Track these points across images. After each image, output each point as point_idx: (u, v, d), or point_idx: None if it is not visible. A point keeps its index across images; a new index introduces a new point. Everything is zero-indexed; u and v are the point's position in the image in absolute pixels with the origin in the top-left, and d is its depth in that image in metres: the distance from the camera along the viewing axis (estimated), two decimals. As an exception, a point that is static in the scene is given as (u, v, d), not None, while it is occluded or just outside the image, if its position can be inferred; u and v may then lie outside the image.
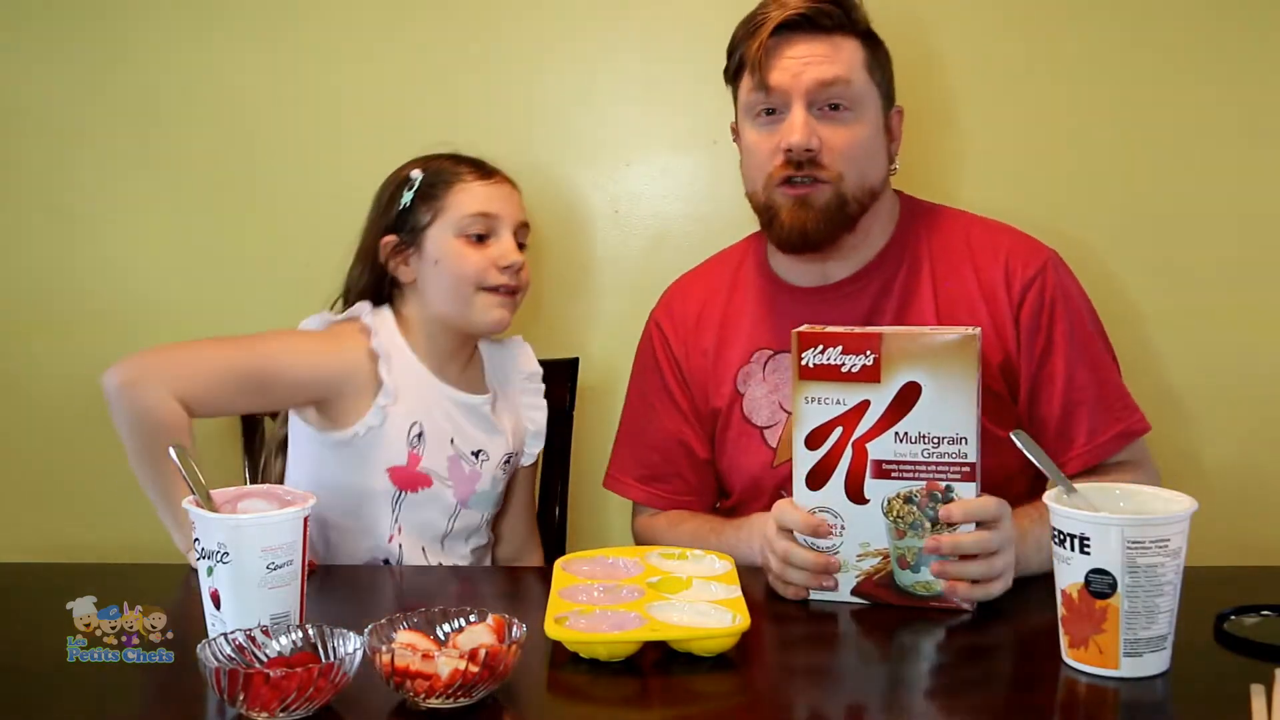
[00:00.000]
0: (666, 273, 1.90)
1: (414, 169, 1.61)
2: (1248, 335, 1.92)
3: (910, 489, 1.26)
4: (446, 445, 1.59)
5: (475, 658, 1.01)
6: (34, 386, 2.07)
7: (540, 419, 1.72)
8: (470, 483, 1.61)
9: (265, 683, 0.98)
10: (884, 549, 1.28)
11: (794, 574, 1.30)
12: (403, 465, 1.55)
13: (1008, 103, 1.91)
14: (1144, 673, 1.08)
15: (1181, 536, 1.08)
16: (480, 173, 1.61)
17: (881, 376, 1.25)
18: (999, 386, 1.48)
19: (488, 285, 1.57)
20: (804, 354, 1.27)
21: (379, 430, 1.54)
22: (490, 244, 1.58)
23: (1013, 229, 1.55)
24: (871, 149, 1.48)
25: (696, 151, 1.98)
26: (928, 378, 1.24)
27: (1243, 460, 1.94)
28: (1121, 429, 1.47)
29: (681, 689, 1.10)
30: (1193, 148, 1.90)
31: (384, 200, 1.62)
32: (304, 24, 1.99)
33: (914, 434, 1.25)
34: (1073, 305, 1.49)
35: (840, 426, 1.27)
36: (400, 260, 1.59)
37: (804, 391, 1.28)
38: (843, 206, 1.46)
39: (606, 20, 1.97)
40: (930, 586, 1.26)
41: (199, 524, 1.15)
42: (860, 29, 1.48)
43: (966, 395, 1.23)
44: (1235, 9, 1.87)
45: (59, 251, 2.05)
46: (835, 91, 1.44)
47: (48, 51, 2.01)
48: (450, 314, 1.59)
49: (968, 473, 1.24)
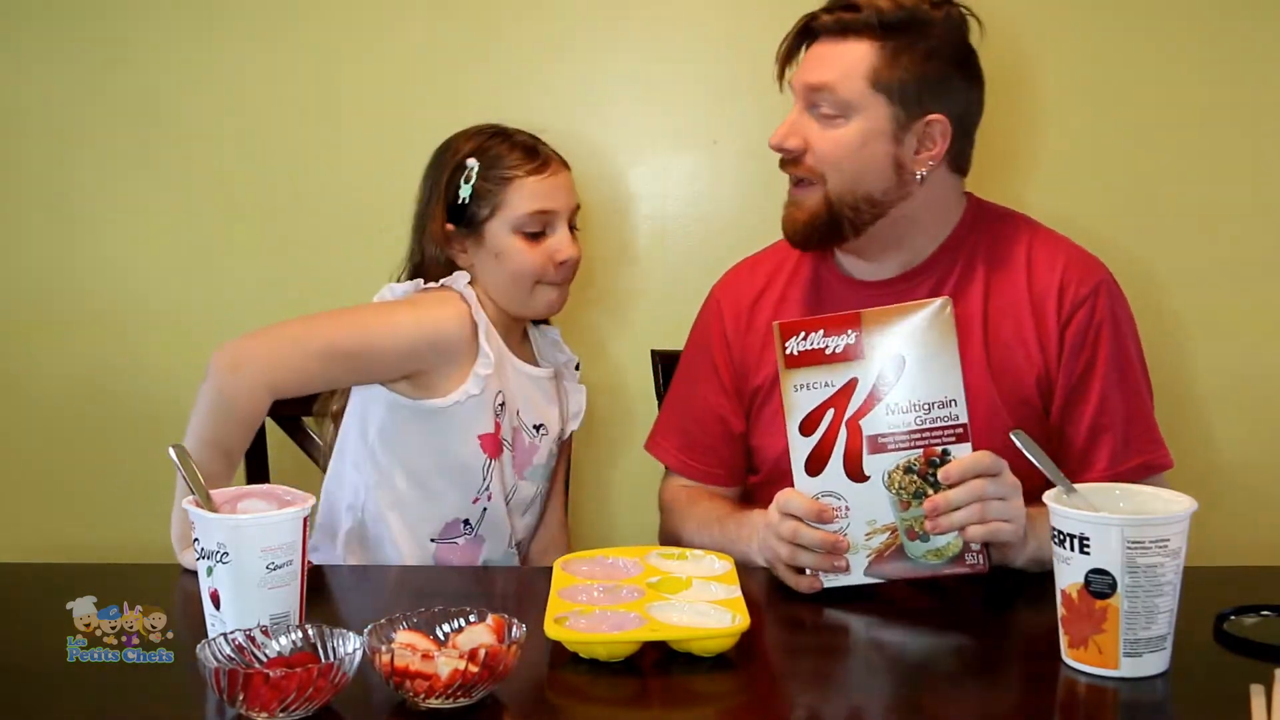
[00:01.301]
0: (666, 273, 1.90)
1: (468, 154, 1.60)
2: (1248, 336, 1.92)
3: (908, 459, 1.27)
4: (514, 416, 1.62)
5: (475, 658, 1.01)
6: (34, 386, 2.07)
7: (581, 400, 1.75)
8: (529, 454, 1.64)
9: (265, 683, 0.98)
10: (891, 523, 1.28)
11: (804, 556, 1.30)
12: (490, 433, 1.58)
13: (1020, 101, 1.92)
14: (1144, 673, 1.08)
15: (1181, 536, 1.08)
16: (534, 164, 1.60)
17: (865, 353, 1.27)
18: (1033, 398, 1.47)
19: (545, 281, 1.60)
20: (787, 343, 1.29)
21: (479, 398, 1.56)
22: (547, 237, 1.60)
23: (1072, 243, 1.54)
24: (864, 155, 1.46)
25: (696, 151, 1.98)
26: (910, 347, 1.26)
27: (1243, 460, 1.94)
28: (1143, 461, 1.46)
29: (681, 689, 1.10)
30: (1201, 146, 1.90)
31: (440, 183, 1.61)
32: (304, 24, 1.99)
33: (904, 404, 1.26)
34: (1120, 331, 1.48)
35: (832, 408, 1.28)
36: (459, 248, 1.61)
37: (792, 380, 1.29)
38: (831, 210, 1.47)
39: (606, 20, 1.97)
40: (942, 553, 1.27)
41: (199, 524, 1.15)
42: (883, 30, 1.44)
43: (950, 357, 1.26)
44: (1238, 9, 1.88)
45: (59, 251, 2.05)
46: (821, 96, 1.46)
47: (48, 52, 2.01)
48: (507, 300, 1.61)
49: (961, 434, 1.26)
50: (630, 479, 2.02)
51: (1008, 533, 1.26)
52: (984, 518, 1.24)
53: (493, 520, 1.61)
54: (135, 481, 2.00)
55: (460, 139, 1.63)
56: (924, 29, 1.45)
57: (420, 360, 1.54)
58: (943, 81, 1.46)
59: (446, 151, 1.63)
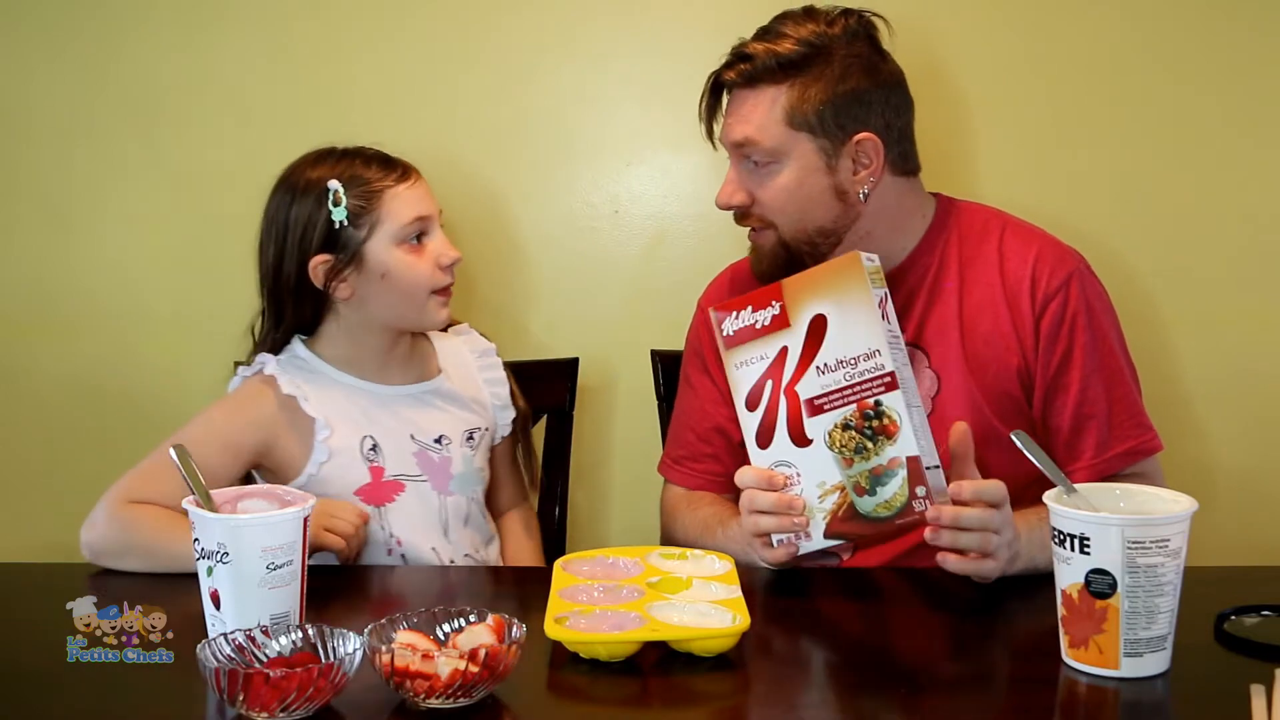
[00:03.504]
0: (666, 273, 1.90)
1: (326, 176, 1.52)
2: (1249, 336, 1.92)
3: (844, 415, 1.29)
4: (408, 443, 1.58)
5: (475, 658, 1.01)
6: (34, 387, 2.07)
7: (503, 392, 1.69)
8: (444, 469, 1.60)
9: (265, 683, 0.98)
10: (840, 483, 1.30)
11: (765, 521, 1.32)
12: (368, 483, 1.55)
13: (1016, 102, 1.92)
14: (1144, 673, 1.08)
15: (1182, 536, 1.08)
16: (398, 174, 1.55)
17: (790, 320, 1.31)
18: (1015, 391, 1.48)
19: (436, 288, 1.55)
20: (723, 325, 1.35)
21: (330, 463, 1.53)
22: (427, 244, 1.55)
23: (1045, 234, 1.55)
24: (804, 194, 1.47)
25: (696, 151, 1.98)
26: (829, 305, 1.30)
27: (1243, 460, 1.94)
28: (1130, 446, 1.47)
29: (681, 689, 1.11)
30: (1196, 149, 1.90)
31: (299, 220, 1.52)
32: (304, 24, 1.99)
33: (832, 362, 1.29)
34: (1095, 320, 1.49)
35: (770, 380, 1.32)
36: (338, 279, 1.53)
37: (733, 359, 1.34)
38: (789, 250, 1.50)
39: (606, 20, 1.97)
40: (890, 504, 1.28)
41: (198, 524, 1.15)
42: (784, 72, 1.44)
43: (867, 309, 1.28)
44: (1240, 8, 1.88)
45: (58, 251, 2.05)
46: (747, 150, 1.48)
47: (48, 52, 2.00)
48: (398, 319, 1.57)
49: (889, 382, 1.27)
50: (630, 479, 2.02)
51: (988, 569, 1.26)
52: (984, 547, 1.24)
53: (417, 558, 1.56)
54: (135, 481, 2.00)
55: (301, 169, 1.55)
56: (825, 55, 1.45)
57: (249, 453, 1.52)
58: (858, 98, 1.45)
59: (296, 184, 1.54)
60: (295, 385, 1.54)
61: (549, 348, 1.92)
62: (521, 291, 2.01)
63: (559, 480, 1.88)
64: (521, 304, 2.00)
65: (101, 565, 1.43)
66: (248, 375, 1.58)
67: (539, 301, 2.01)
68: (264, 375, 1.56)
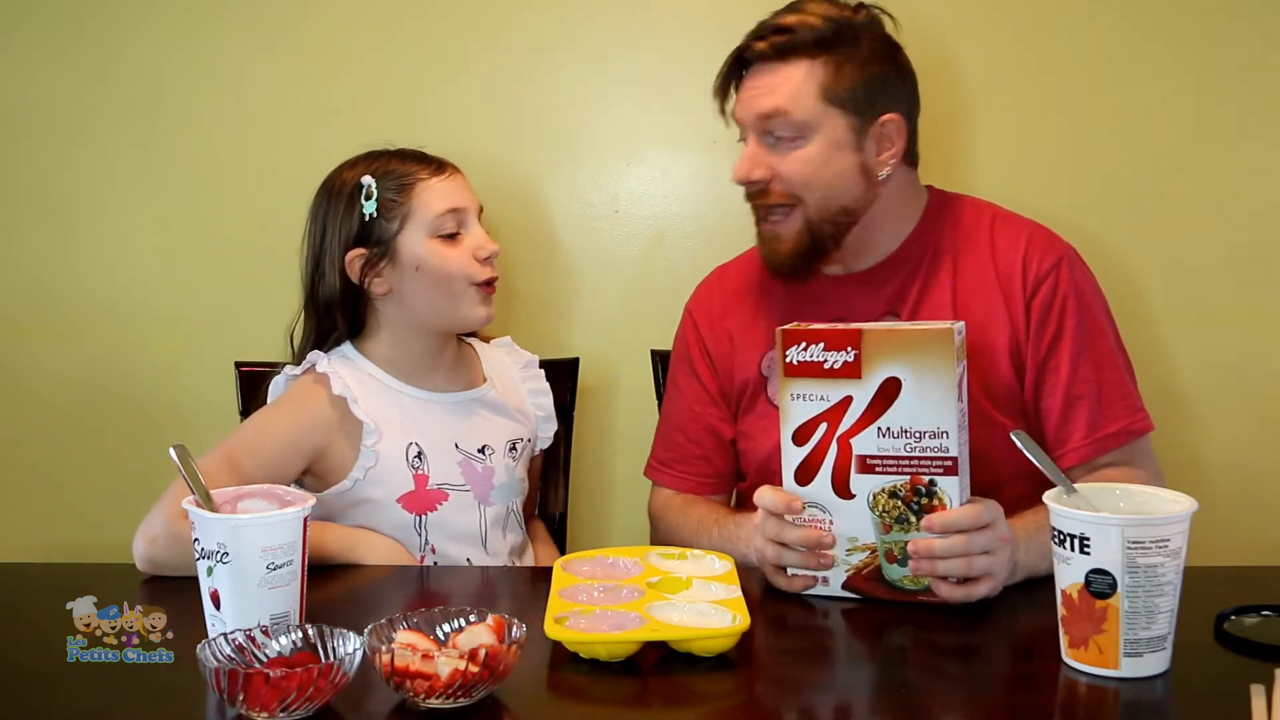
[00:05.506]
0: (666, 273, 1.90)
1: (361, 174, 1.54)
2: (1249, 336, 1.92)
3: (895, 484, 1.26)
4: (452, 451, 1.58)
5: (475, 658, 1.01)
6: (34, 387, 2.07)
7: (547, 403, 1.71)
8: (486, 479, 1.60)
9: (265, 683, 0.98)
10: (871, 543, 1.28)
11: (789, 556, 1.31)
12: (411, 490, 1.55)
13: (1018, 100, 1.92)
14: (1144, 673, 1.08)
15: (1182, 536, 1.08)
16: (432, 167, 1.56)
17: (863, 372, 1.26)
18: (1007, 376, 1.49)
19: (475, 280, 1.55)
20: (788, 351, 1.28)
21: (376, 468, 1.53)
22: (463, 237, 1.55)
23: (1034, 222, 1.57)
24: (831, 170, 1.47)
25: (696, 151, 1.98)
26: (907, 372, 1.25)
27: (1243, 460, 1.94)
28: (1120, 426, 1.48)
29: (681, 689, 1.10)
30: (1197, 147, 1.90)
31: (338, 215, 1.55)
32: (304, 23, 1.99)
33: (896, 429, 1.26)
34: (1085, 302, 1.51)
35: (825, 422, 1.28)
36: (373, 273, 1.54)
37: (789, 388, 1.29)
38: (812, 231, 1.49)
39: (607, 20, 1.97)
40: (919, 580, 1.27)
41: (198, 524, 1.15)
42: (819, 47, 1.46)
43: (946, 389, 1.24)
44: (1241, 7, 1.88)
45: (58, 251, 2.05)
46: (775, 122, 1.47)
47: (47, 52, 2.01)
48: (437, 316, 1.57)
49: (949, 467, 1.25)
50: (629, 479, 2.02)
51: (983, 591, 1.25)
52: (968, 572, 1.24)
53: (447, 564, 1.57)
54: (135, 481, 2.00)
55: (341, 171, 1.58)
56: (855, 35, 1.47)
57: (304, 455, 1.52)
58: (886, 80, 1.49)
59: (333, 186, 1.57)
60: (345, 386, 1.54)
61: (549, 347, 1.92)
62: (521, 291, 2.01)
63: (559, 480, 1.88)
64: (521, 304, 2.00)
65: (157, 574, 1.40)
66: (296, 374, 1.57)
67: (539, 301, 2.01)
68: (316, 374, 1.55)
